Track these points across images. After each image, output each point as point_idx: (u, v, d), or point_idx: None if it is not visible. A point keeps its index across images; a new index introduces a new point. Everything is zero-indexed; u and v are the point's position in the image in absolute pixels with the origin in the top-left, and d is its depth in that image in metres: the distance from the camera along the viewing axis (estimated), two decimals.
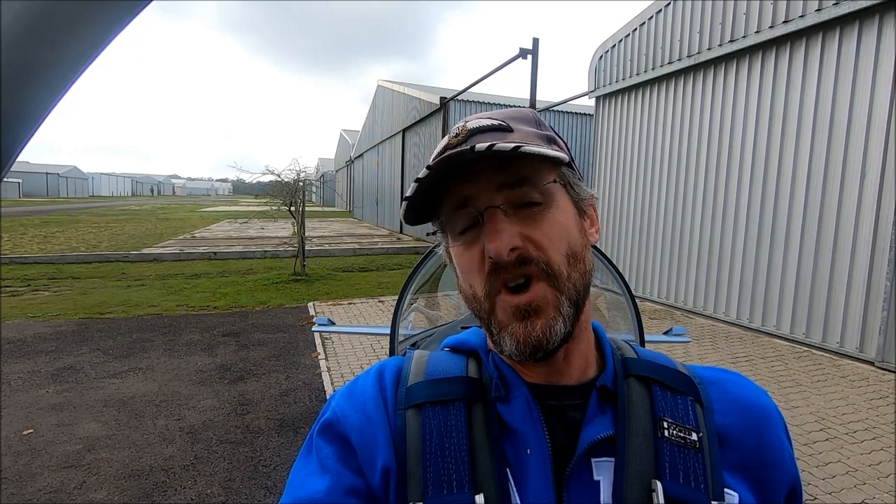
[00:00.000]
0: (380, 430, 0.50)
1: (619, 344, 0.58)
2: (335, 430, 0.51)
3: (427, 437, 0.49)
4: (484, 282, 0.49)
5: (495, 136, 0.50)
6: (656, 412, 0.50)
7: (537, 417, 0.49)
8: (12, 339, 5.30)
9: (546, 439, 0.48)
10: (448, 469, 0.47)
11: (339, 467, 0.49)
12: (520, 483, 0.47)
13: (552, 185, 0.50)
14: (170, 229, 18.50)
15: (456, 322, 2.12)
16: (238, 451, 3.10)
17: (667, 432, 0.48)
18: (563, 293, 0.48)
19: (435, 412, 0.50)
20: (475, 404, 0.51)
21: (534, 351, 0.47)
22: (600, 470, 0.47)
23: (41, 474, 2.82)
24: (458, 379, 0.53)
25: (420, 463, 0.48)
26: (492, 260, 0.47)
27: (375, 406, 0.52)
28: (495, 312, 0.49)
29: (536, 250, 0.48)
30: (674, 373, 0.54)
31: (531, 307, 0.47)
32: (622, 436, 0.48)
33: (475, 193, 0.49)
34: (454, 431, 0.49)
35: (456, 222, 0.51)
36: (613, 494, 0.46)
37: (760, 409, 0.53)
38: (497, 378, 0.53)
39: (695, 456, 0.47)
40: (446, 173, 0.48)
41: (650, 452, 0.47)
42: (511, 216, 0.48)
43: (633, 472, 0.46)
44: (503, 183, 0.48)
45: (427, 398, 0.51)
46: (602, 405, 0.50)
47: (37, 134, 0.31)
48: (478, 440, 0.48)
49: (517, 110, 0.55)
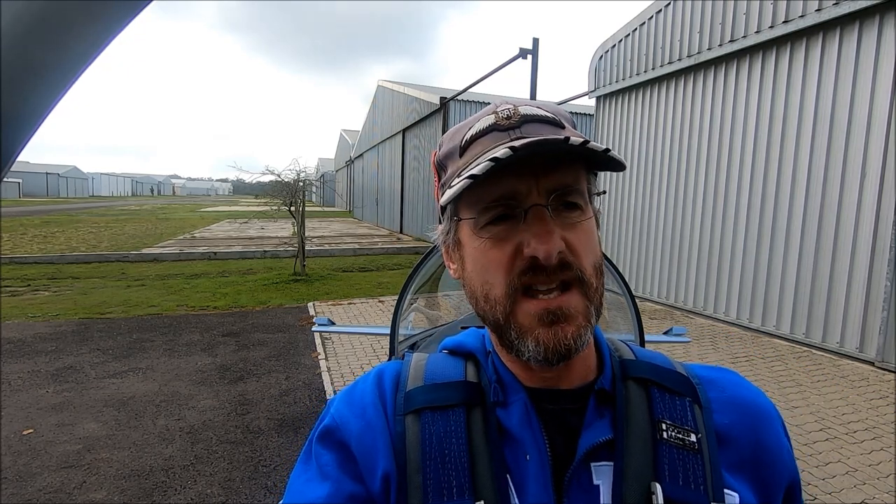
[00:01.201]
0: (379, 436, 0.50)
1: (618, 345, 0.57)
2: (335, 437, 0.51)
3: (427, 443, 0.48)
4: (510, 281, 0.47)
5: (550, 129, 0.48)
6: (655, 414, 0.49)
7: (535, 423, 0.49)
8: (12, 339, 5.30)
9: (545, 445, 0.48)
10: (448, 475, 0.47)
11: (339, 474, 0.49)
12: (520, 489, 0.47)
13: (590, 195, 0.50)
14: (170, 229, 18.50)
15: (456, 322, 2.12)
16: (238, 451, 3.10)
17: (665, 434, 0.48)
18: (592, 303, 0.47)
19: (434, 418, 0.50)
20: (474, 409, 0.50)
21: (561, 358, 0.46)
22: (600, 474, 0.47)
23: (41, 474, 2.82)
24: (457, 384, 0.52)
25: (420, 469, 0.47)
26: (534, 260, 0.45)
27: (375, 412, 0.51)
28: (515, 315, 0.47)
29: (574, 257, 0.46)
30: (672, 374, 0.53)
31: (561, 312, 0.46)
32: (621, 439, 0.48)
33: (524, 188, 0.46)
34: (454, 437, 0.48)
35: (487, 213, 0.48)
36: (613, 498, 0.46)
37: (758, 407, 0.53)
38: (496, 382, 0.52)
39: (694, 457, 0.47)
40: (518, 162, 0.46)
41: (649, 455, 0.47)
42: (554, 218, 0.46)
43: (632, 476, 0.46)
44: (556, 184, 0.46)
45: (426, 403, 0.51)
46: (600, 409, 0.50)
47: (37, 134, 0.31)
48: (477, 446, 0.48)
49: (555, 106, 0.53)
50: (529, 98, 7.77)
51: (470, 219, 0.49)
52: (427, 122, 15.22)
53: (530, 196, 0.46)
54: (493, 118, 0.49)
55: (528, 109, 0.49)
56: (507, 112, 0.49)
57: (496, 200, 0.47)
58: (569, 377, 0.51)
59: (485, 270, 0.49)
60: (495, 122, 0.49)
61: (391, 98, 19.52)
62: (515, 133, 0.48)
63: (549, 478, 0.46)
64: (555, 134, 0.48)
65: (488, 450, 0.48)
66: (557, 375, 0.51)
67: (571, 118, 0.53)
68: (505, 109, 0.49)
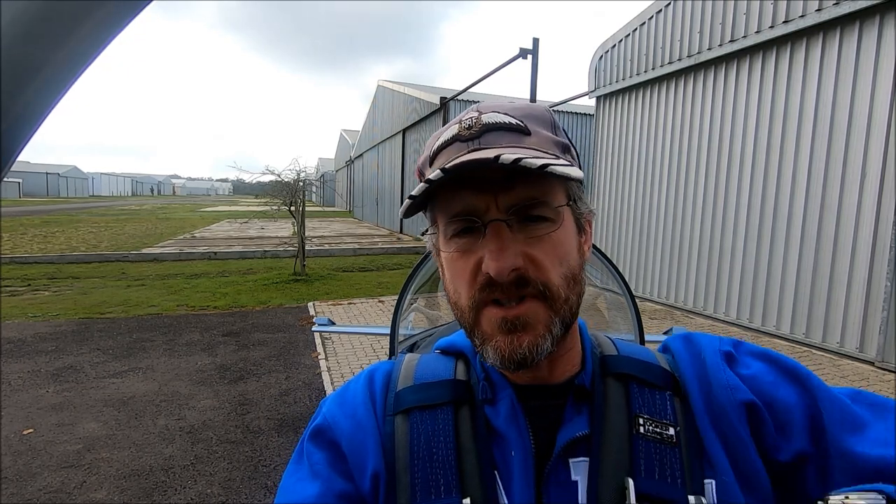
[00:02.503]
0: (369, 436, 0.50)
1: (601, 341, 0.57)
2: (326, 436, 0.51)
3: (415, 442, 0.49)
4: (472, 294, 0.47)
5: (512, 137, 0.48)
6: (632, 409, 0.49)
7: (521, 419, 0.49)
8: (12, 339, 5.30)
9: (530, 440, 0.48)
10: (436, 474, 0.47)
11: (329, 473, 0.49)
12: (507, 485, 0.47)
13: (562, 208, 0.48)
14: (170, 229, 18.50)
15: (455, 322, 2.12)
16: (238, 450, 3.11)
17: (642, 429, 0.48)
18: (558, 315, 0.47)
19: (423, 417, 0.50)
20: (462, 407, 0.51)
21: (518, 366, 0.46)
22: (577, 470, 0.47)
23: (41, 474, 2.82)
24: (446, 382, 0.53)
25: (408, 468, 0.48)
26: (490, 277, 0.45)
27: (366, 412, 0.52)
28: (480, 323, 0.48)
29: (536, 271, 0.46)
30: (653, 367, 0.53)
31: (519, 321, 0.46)
32: (597, 435, 0.48)
33: (482, 204, 0.46)
34: (441, 436, 0.49)
35: (451, 226, 0.48)
36: (588, 494, 0.46)
37: (701, 347, 0.54)
38: (484, 380, 0.53)
39: (671, 451, 0.47)
40: (459, 181, 0.46)
41: (625, 450, 0.47)
42: (515, 231, 0.46)
43: (606, 471, 0.46)
44: (516, 200, 0.46)
45: (415, 403, 0.51)
46: (578, 405, 0.50)
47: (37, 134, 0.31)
48: (465, 444, 0.48)
49: (533, 107, 0.51)
50: (529, 98, 7.77)
51: (441, 229, 0.50)
52: (427, 122, 15.22)
53: (489, 211, 0.46)
54: (457, 128, 0.49)
55: (491, 117, 0.48)
56: (469, 122, 0.49)
57: (457, 215, 0.47)
58: (553, 373, 0.52)
59: (454, 279, 0.49)
60: (458, 133, 0.49)
61: (391, 98, 19.52)
62: (474, 144, 0.47)
63: (531, 473, 0.47)
64: (516, 142, 0.47)
65: (476, 447, 0.48)
66: (543, 372, 0.51)
67: (551, 120, 0.52)
68: (468, 119, 0.49)
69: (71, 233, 16.32)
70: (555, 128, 0.52)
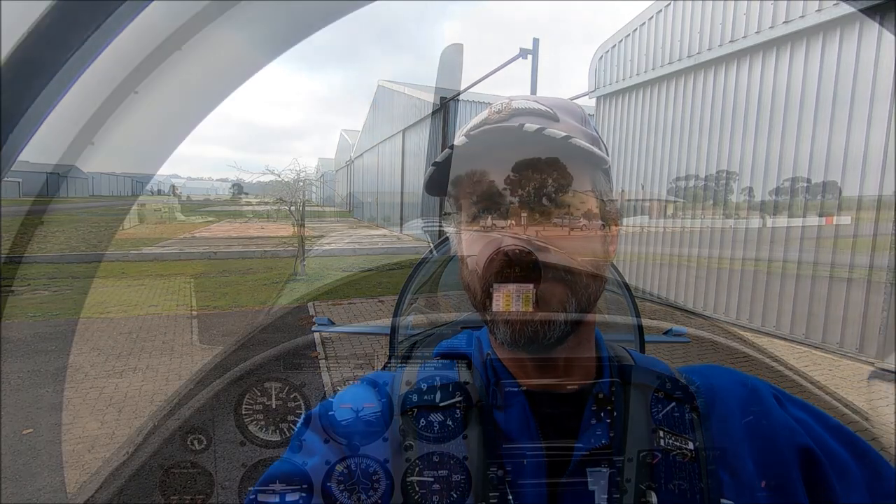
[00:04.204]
0: (374, 437, 0.50)
1: (617, 350, 0.57)
2: (318, 423, 0.52)
3: (422, 445, 0.48)
4: (490, 273, 0.47)
5: (541, 121, 0.48)
6: (653, 421, 0.49)
7: (533, 427, 0.48)
8: (12, 339, 5.29)
9: (542, 449, 0.47)
10: (446, 477, 0.47)
11: (326, 448, 0.49)
12: (517, 492, 0.46)
13: (587, 193, 0.48)
14: (170, 229, 18.47)
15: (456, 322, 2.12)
16: (238, 450, 3.10)
17: (663, 442, 0.47)
18: (575, 295, 0.46)
19: (429, 420, 0.50)
20: (470, 411, 0.50)
21: (529, 342, 0.46)
22: (595, 480, 0.46)
23: (41, 474, 2.82)
24: (450, 385, 0.52)
25: (417, 471, 0.47)
26: (506, 257, 0.45)
27: (370, 412, 0.52)
28: (493, 299, 0.47)
29: (555, 254, 0.46)
30: (671, 380, 0.53)
31: (533, 298, 0.45)
32: (618, 446, 0.47)
33: (506, 187, 0.46)
34: (449, 439, 0.48)
35: (475, 206, 0.48)
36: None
37: (748, 391, 0.53)
38: (494, 385, 0.52)
39: (691, 466, 0.47)
40: (482, 152, 0.46)
41: (645, 462, 0.46)
42: (538, 215, 0.46)
43: (629, 483, 0.46)
44: (541, 179, 0.46)
45: (420, 404, 0.51)
46: (597, 414, 0.49)
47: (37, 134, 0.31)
48: (473, 448, 0.48)
49: (565, 101, 0.52)
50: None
51: (465, 209, 0.50)
52: (427, 122, 15.20)
53: (514, 190, 0.46)
54: (486, 113, 0.50)
55: (522, 104, 0.49)
56: (500, 107, 0.50)
57: (481, 196, 0.48)
58: (567, 380, 0.51)
59: (472, 258, 0.50)
60: (487, 117, 0.49)
61: (391, 98, 19.51)
62: (509, 123, 0.48)
63: (544, 482, 0.46)
64: (549, 126, 0.48)
65: (484, 452, 0.48)
66: (556, 376, 0.51)
67: (581, 113, 0.52)
68: (499, 104, 0.50)
69: (71, 233, 16.31)
70: (584, 121, 0.52)
